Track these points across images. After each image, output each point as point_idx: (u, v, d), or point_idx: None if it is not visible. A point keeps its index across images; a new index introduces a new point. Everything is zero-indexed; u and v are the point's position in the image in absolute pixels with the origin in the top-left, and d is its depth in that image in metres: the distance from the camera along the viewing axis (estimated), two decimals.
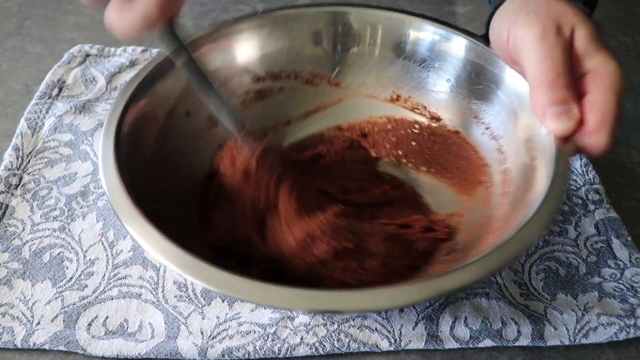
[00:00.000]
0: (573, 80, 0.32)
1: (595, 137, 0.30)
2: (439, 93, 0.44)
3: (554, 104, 0.31)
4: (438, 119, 0.45)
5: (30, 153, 0.47)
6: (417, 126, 0.46)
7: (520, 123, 0.37)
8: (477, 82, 0.42)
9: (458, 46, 0.42)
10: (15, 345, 0.35)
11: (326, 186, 0.41)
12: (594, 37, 0.32)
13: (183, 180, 0.39)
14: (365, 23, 0.45)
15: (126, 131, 0.35)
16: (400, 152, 0.46)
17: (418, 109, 0.46)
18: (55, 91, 0.53)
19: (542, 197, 0.30)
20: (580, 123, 0.31)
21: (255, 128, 0.38)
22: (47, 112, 0.50)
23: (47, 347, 0.34)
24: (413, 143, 0.46)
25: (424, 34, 0.44)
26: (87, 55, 0.57)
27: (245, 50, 0.44)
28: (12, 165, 0.45)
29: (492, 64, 0.40)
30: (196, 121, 0.41)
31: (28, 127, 0.49)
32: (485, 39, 0.40)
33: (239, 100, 0.44)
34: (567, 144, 0.32)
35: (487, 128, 0.41)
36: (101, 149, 0.33)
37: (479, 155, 0.42)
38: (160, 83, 0.39)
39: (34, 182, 0.45)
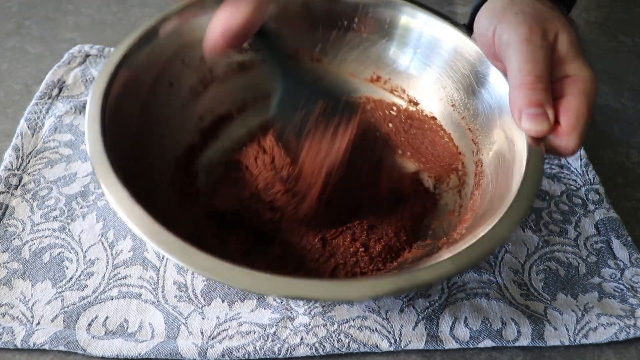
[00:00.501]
0: (551, 84, 0.33)
1: (566, 139, 0.32)
2: (419, 78, 0.44)
3: (532, 106, 0.32)
4: (416, 103, 0.45)
5: (30, 153, 0.47)
6: (394, 108, 0.46)
7: (496, 119, 0.38)
8: (458, 72, 0.42)
9: (443, 35, 0.42)
10: (15, 345, 0.35)
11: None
12: (575, 44, 0.34)
13: (166, 150, 0.40)
14: (354, 2, 0.45)
15: (112, 102, 0.35)
16: (377, 134, 0.46)
17: (397, 92, 0.46)
18: (55, 91, 0.53)
19: (514, 195, 0.30)
20: (554, 124, 0.32)
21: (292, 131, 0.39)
22: (47, 112, 0.50)
23: (47, 347, 0.34)
24: (390, 125, 0.46)
25: (412, 19, 0.44)
26: (87, 56, 0.57)
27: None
28: (12, 166, 0.45)
29: (475, 58, 0.40)
30: (178, 92, 0.41)
31: (28, 127, 0.49)
32: (468, 28, 0.41)
33: (222, 71, 0.44)
34: (539, 145, 0.33)
35: (462, 118, 0.42)
36: (87, 120, 0.33)
37: (454, 143, 0.42)
38: (144, 53, 0.38)
39: (34, 182, 0.45)
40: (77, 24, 0.65)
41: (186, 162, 0.41)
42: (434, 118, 0.44)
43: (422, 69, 0.44)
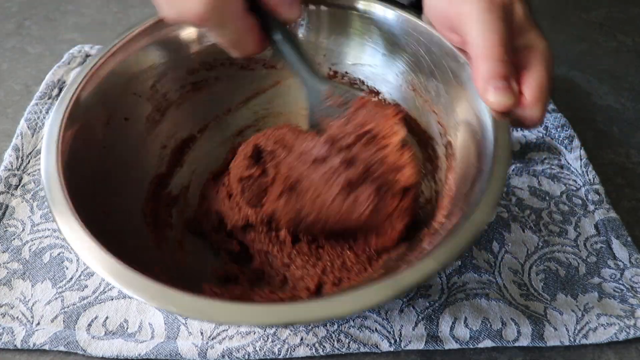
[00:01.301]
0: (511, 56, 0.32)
1: (531, 110, 0.32)
2: (375, 67, 0.44)
3: (498, 78, 0.32)
4: (377, 93, 0.45)
5: (30, 153, 0.47)
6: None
7: (457, 98, 0.37)
8: (413, 56, 0.41)
9: (393, 21, 0.42)
10: (15, 345, 0.35)
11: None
12: (529, 15, 0.34)
13: (133, 183, 0.39)
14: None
15: (66, 151, 0.33)
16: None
17: (356, 84, 0.45)
18: (55, 91, 0.53)
19: (486, 177, 0.30)
20: (518, 96, 0.32)
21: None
22: (47, 112, 0.50)
23: (47, 347, 0.34)
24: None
25: (354, 9, 0.43)
26: (87, 56, 0.57)
27: (174, 44, 0.42)
28: (12, 166, 0.45)
29: (428, 39, 0.39)
30: (136, 125, 0.40)
31: (28, 127, 0.49)
32: (414, 8, 0.40)
33: (177, 95, 0.43)
34: (503, 118, 0.32)
35: (425, 101, 0.41)
36: (44, 177, 0.31)
37: (422, 128, 0.42)
38: (91, 96, 0.37)
39: (34, 183, 0.45)
40: (77, 24, 0.65)
41: (155, 192, 0.41)
42: (397, 104, 0.43)
43: (377, 58, 0.44)
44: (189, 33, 0.42)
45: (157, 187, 0.41)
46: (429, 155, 0.41)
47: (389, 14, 0.41)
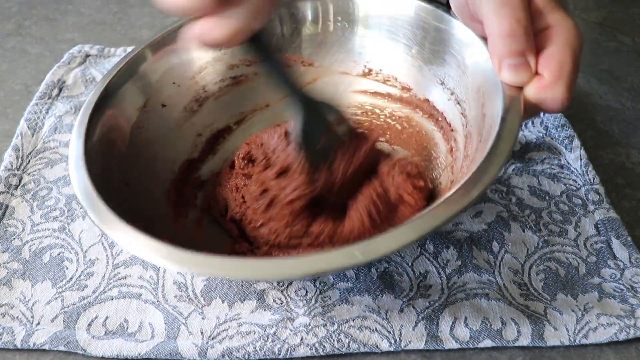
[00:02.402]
0: (532, 35, 0.31)
1: (552, 90, 0.30)
2: (406, 63, 0.45)
3: (512, 55, 0.31)
4: (409, 89, 0.46)
5: (30, 153, 0.47)
6: (389, 98, 0.47)
7: (480, 87, 0.37)
8: (440, 48, 0.42)
9: (417, 14, 0.43)
10: (15, 345, 0.35)
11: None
12: None
13: (162, 163, 0.41)
14: (330, 2, 0.46)
15: (97, 131, 0.35)
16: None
17: (389, 81, 0.46)
18: (55, 91, 0.53)
19: (482, 160, 0.29)
20: (537, 76, 0.31)
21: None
22: (47, 112, 0.50)
23: (47, 347, 0.34)
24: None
25: (385, 6, 0.44)
26: (87, 56, 0.57)
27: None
28: (12, 166, 0.45)
29: (454, 29, 0.40)
30: (172, 112, 0.42)
31: (28, 127, 0.49)
32: (447, 6, 0.40)
33: (216, 88, 0.45)
34: (518, 100, 0.31)
35: (452, 93, 0.42)
36: (71, 149, 0.34)
37: (447, 122, 0.42)
38: (132, 79, 0.39)
39: (34, 183, 0.45)
40: (77, 24, 0.65)
41: (184, 174, 0.42)
42: (427, 100, 0.44)
43: (408, 54, 0.44)
44: None
45: (187, 171, 0.42)
46: (451, 148, 0.41)
47: (419, 10, 0.42)
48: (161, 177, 0.40)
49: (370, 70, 0.47)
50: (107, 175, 0.34)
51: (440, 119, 0.43)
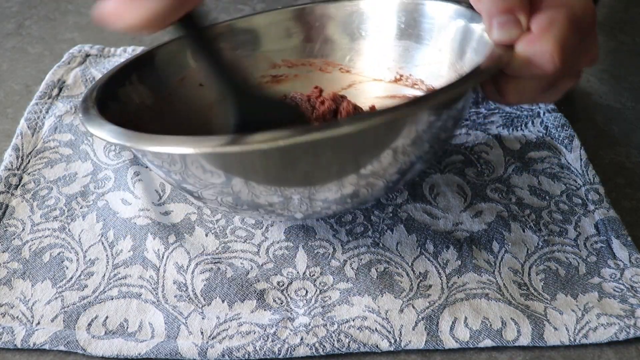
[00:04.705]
0: None
1: (540, 43, 0.29)
2: (433, 65, 0.45)
3: (502, 13, 0.30)
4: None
5: (30, 153, 0.47)
6: None
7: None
8: (464, 45, 0.42)
9: (443, 13, 0.43)
10: (15, 345, 0.35)
11: None
12: None
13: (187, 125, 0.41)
14: (373, 10, 0.47)
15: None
16: None
17: (417, 85, 0.47)
18: (55, 91, 0.53)
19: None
20: (526, 31, 0.30)
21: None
22: (47, 112, 0.50)
23: (47, 347, 0.34)
24: None
25: (417, 12, 0.45)
26: (87, 55, 0.57)
27: (264, 37, 0.48)
28: (12, 165, 0.45)
29: (475, 25, 0.40)
30: (209, 92, 0.44)
31: (28, 127, 0.49)
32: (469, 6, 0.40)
33: (255, 82, 0.47)
34: (509, 50, 0.31)
35: (455, 70, 0.42)
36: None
37: None
38: (169, 55, 0.43)
39: (34, 182, 0.45)
40: (77, 24, 0.65)
41: None
42: (421, 80, 0.46)
43: (435, 55, 0.45)
44: (276, 31, 0.48)
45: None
46: None
47: (444, 9, 0.43)
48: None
49: (401, 76, 0.47)
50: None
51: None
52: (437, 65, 0.45)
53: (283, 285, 0.38)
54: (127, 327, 0.36)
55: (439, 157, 0.47)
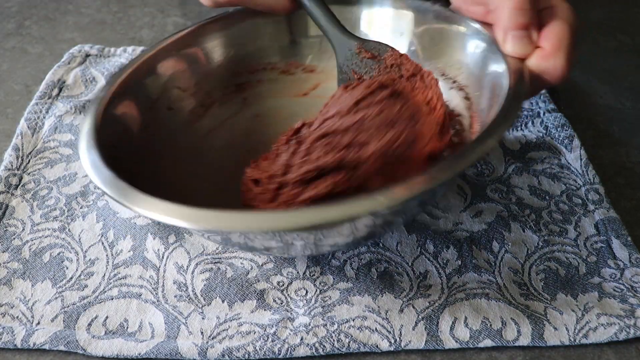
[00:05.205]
0: (536, 11, 0.34)
1: (553, 59, 0.33)
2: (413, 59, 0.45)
3: (518, 28, 0.33)
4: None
5: (30, 153, 0.47)
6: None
7: (484, 68, 0.38)
8: (439, 41, 0.43)
9: (416, 13, 0.44)
10: (15, 345, 0.35)
11: None
12: None
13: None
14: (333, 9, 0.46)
15: (107, 125, 0.36)
16: None
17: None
18: (55, 91, 0.53)
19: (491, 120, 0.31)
20: (538, 48, 0.34)
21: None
22: (47, 112, 0.50)
23: (47, 347, 0.34)
24: None
25: (381, 10, 0.45)
26: (87, 55, 0.57)
27: (218, 49, 0.46)
28: (12, 165, 0.45)
29: (450, 21, 0.41)
30: (179, 115, 0.43)
31: (28, 127, 0.49)
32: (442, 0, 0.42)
33: (220, 94, 0.46)
34: (522, 64, 0.34)
35: (454, 82, 0.42)
36: (83, 134, 0.34)
37: (450, 108, 0.42)
38: (143, 80, 0.41)
39: (34, 182, 0.45)
40: (77, 24, 0.65)
41: None
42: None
43: (409, 52, 0.45)
44: (232, 37, 0.46)
45: None
46: (457, 131, 0.42)
47: (416, 8, 0.44)
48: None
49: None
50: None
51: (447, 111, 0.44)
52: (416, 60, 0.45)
53: (283, 285, 0.38)
54: (127, 327, 0.36)
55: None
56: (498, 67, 0.35)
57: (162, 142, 0.41)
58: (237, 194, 0.39)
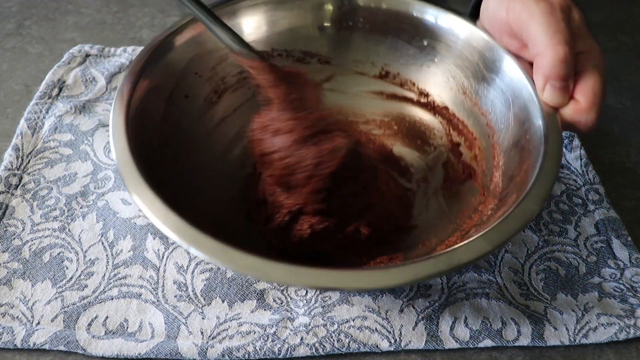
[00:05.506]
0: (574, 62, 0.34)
1: (587, 115, 0.33)
2: (428, 70, 0.45)
3: (559, 79, 0.33)
4: (427, 95, 0.46)
5: (30, 153, 0.47)
6: (406, 101, 0.47)
7: (510, 101, 0.38)
8: (466, 61, 0.43)
9: (450, 26, 0.43)
10: (15, 345, 0.35)
11: None
12: (584, 21, 0.35)
13: (193, 156, 0.41)
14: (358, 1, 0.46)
15: (133, 114, 0.36)
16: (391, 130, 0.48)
17: (407, 85, 0.47)
18: (55, 91, 0.53)
19: (537, 171, 0.31)
20: (573, 100, 0.34)
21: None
22: (47, 112, 0.50)
23: (47, 347, 0.34)
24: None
25: (418, 14, 0.45)
26: (87, 55, 0.57)
27: (237, 31, 0.44)
28: (12, 165, 0.45)
29: (483, 45, 0.41)
30: (195, 102, 0.43)
31: (28, 127, 0.49)
32: (471, 17, 0.42)
33: (234, 80, 0.45)
34: (555, 117, 0.34)
35: (475, 104, 0.42)
36: (112, 132, 0.34)
37: (469, 129, 0.43)
38: (159, 67, 0.40)
39: (34, 182, 0.45)
40: (77, 24, 0.65)
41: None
42: (446, 108, 0.45)
43: (431, 61, 0.45)
44: (249, 21, 0.45)
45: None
46: (475, 155, 0.42)
47: (449, 21, 0.43)
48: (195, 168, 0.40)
49: (387, 72, 0.47)
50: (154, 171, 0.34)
51: (461, 127, 0.44)
52: (430, 70, 0.45)
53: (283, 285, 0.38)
54: (127, 327, 0.36)
55: None
56: (529, 110, 0.36)
57: (181, 135, 0.41)
58: (246, 187, 0.41)
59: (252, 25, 0.45)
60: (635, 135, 0.50)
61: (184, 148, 0.40)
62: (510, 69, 0.38)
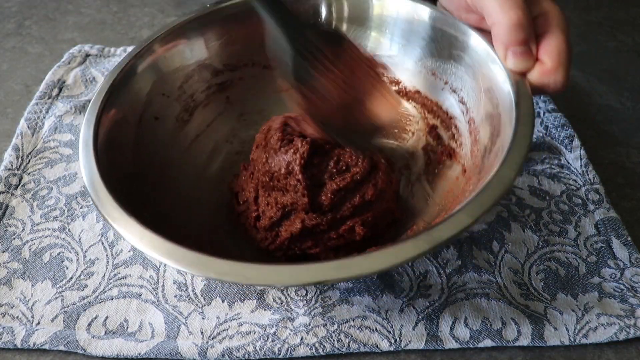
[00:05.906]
0: (532, 24, 0.34)
1: (554, 76, 0.33)
2: (394, 57, 0.45)
3: (518, 44, 0.33)
4: (397, 82, 0.46)
5: (30, 153, 0.47)
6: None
7: (479, 73, 0.38)
8: (432, 42, 0.43)
9: (402, 9, 0.44)
10: (15, 345, 0.35)
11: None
12: None
13: (169, 180, 0.40)
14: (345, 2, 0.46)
15: (102, 142, 0.35)
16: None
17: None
18: (55, 91, 0.53)
19: (509, 138, 0.31)
20: (538, 62, 0.34)
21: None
22: (47, 112, 0.50)
23: (47, 347, 0.34)
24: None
25: (375, 1, 0.45)
26: (87, 55, 0.57)
27: (199, 47, 0.45)
28: (12, 165, 0.45)
29: (440, 22, 0.41)
30: (165, 123, 0.42)
31: (28, 127, 0.49)
32: (431, 1, 0.42)
33: (203, 96, 0.45)
34: (524, 83, 0.34)
35: (445, 83, 0.42)
36: (82, 161, 0.33)
37: (443, 110, 0.43)
38: (125, 93, 0.39)
39: (34, 182, 0.45)
40: (77, 24, 0.65)
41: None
42: (418, 92, 0.45)
43: (395, 48, 0.45)
44: (211, 36, 0.45)
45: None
46: (452, 134, 0.42)
47: (402, 6, 0.44)
48: (173, 191, 0.40)
49: None
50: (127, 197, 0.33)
51: (435, 108, 0.44)
52: (397, 57, 0.45)
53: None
54: (127, 327, 0.36)
55: None
56: (497, 79, 0.35)
57: (156, 157, 0.40)
58: (227, 200, 0.41)
59: (214, 40, 0.45)
60: (635, 135, 0.50)
61: (162, 170, 0.40)
62: (474, 43, 0.38)
